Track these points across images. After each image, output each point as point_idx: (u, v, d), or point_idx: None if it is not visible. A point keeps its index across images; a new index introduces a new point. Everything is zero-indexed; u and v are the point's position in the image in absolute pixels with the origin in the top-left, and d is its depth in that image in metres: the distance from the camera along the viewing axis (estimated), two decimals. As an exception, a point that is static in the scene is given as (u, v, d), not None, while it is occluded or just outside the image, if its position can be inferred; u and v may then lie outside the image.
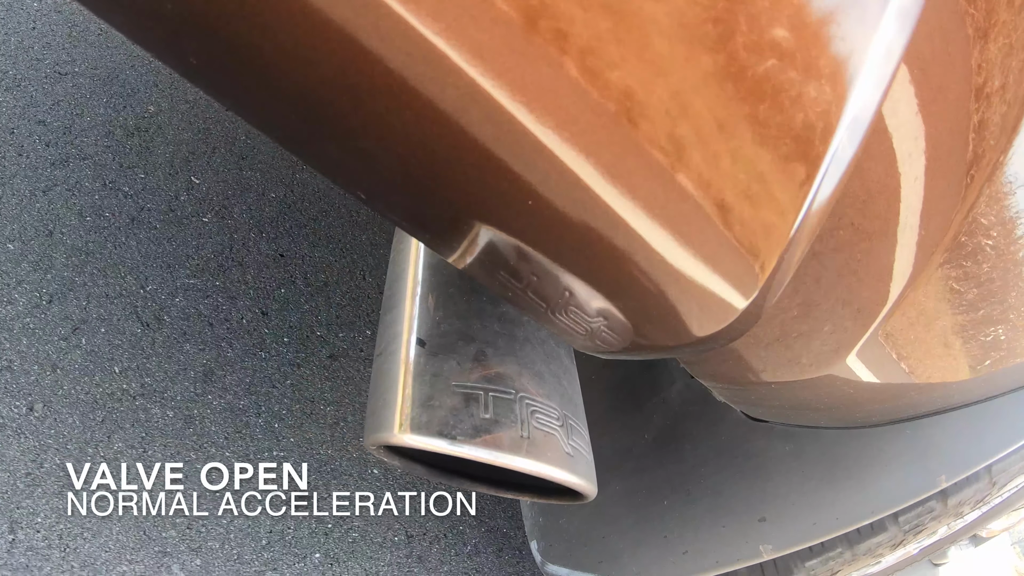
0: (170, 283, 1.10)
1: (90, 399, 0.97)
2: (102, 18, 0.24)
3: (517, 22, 0.22)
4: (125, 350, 1.02)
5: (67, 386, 0.96)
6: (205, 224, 1.18)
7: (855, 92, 0.26)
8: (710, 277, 0.29)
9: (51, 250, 1.04)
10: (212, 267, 1.15)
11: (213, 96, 0.27)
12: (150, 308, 1.07)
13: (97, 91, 1.22)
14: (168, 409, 1.01)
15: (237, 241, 1.19)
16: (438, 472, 0.46)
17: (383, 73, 0.23)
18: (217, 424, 1.03)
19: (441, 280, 0.46)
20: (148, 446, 0.98)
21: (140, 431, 0.98)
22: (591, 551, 0.79)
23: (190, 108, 1.27)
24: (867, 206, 0.38)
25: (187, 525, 0.96)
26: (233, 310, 1.13)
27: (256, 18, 0.22)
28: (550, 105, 0.24)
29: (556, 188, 0.26)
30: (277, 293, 1.18)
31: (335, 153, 0.27)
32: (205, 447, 1.01)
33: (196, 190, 1.20)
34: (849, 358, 0.46)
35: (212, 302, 1.12)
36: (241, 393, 1.07)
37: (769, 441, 0.67)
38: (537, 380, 0.43)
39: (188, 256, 1.14)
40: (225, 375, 1.07)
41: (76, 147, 1.15)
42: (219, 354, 1.08)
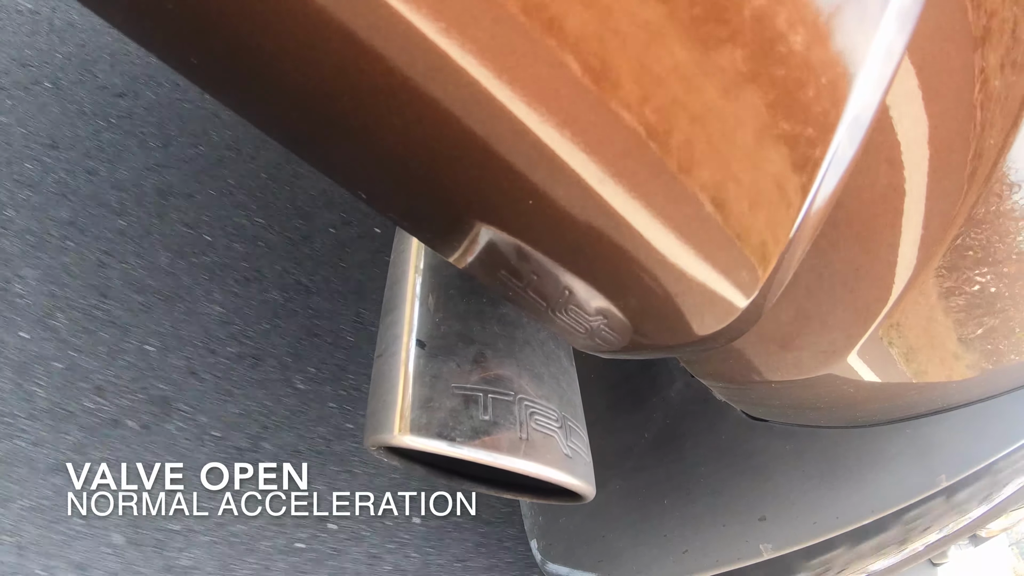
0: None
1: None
2: (102, 16, 0.24)
3: (518, 19, 0.22)
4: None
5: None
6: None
7: (855, 91, 0.26)
8: (710, 276, 0.29)
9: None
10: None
11: (214, 96, 0.27)
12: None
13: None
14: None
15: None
16: (438, 473, 0.47)
17: (384, 72, 0.23)
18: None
19: (441, 282, 0.46)
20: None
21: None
22: (591, 550, 0.79)
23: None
24: (867, 206, 0.38)
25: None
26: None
27: (256, 17, 0.22)
28: (551, 104, 0.24)
29: (557, 187, 0.26)
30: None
31: (336, 153, 0.27)
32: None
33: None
34: (849, 358, 0.46)
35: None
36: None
37: (769, 440, 0.67)
38: (536, 382, 0.43)
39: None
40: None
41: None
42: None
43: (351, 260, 1.28)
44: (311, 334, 1.17)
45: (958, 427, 0.59)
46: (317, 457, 1.08)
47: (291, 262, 1.22)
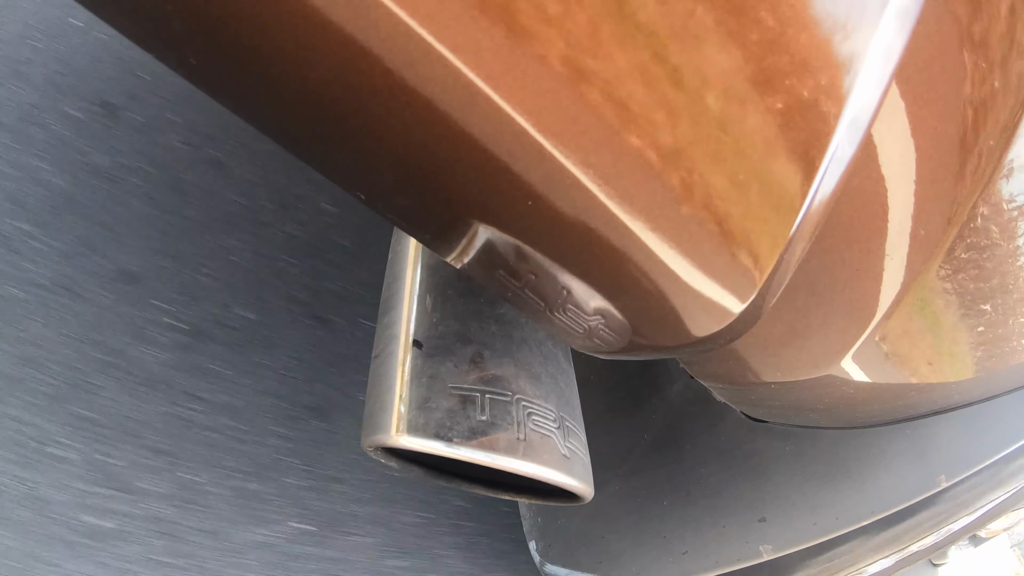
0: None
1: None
2: (100, 17, 0.24)
3: (515, 22, 0.22)
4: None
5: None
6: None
7: (854, 92, 0.26)
8: (709, 277, 0.29)
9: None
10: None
11: (213, 96, 0.27)
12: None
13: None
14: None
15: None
16: (435, 473, 0.46)
17: (383, 74, 0.23)
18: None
19: (439, 282, 0.46)
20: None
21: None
22: (590, 551, 0.79)
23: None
24: (867, 206, 0.38)
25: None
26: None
27: (255, 18, 0.22)
28: (550, 105, 0.24)
29: (556, 189, 0.26)
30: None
31: (335, 154, 0.27)
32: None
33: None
34: (848, 358, 0.46)
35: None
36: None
37: (769, 441, 0.67)
38: (534, 382, 0.43)
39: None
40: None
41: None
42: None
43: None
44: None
45: (958, 427, 0.59)
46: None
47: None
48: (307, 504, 1.04)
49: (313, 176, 1.29)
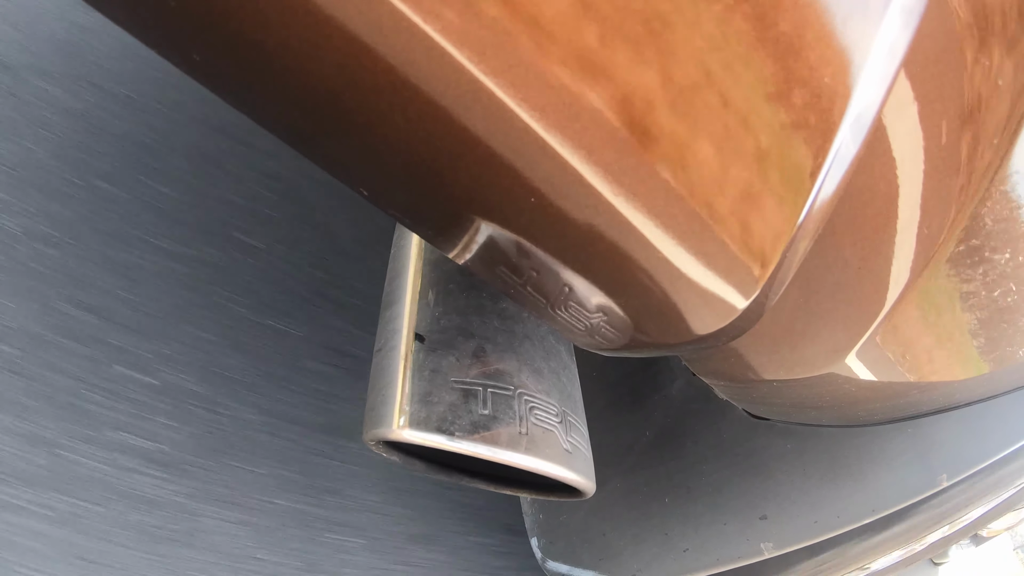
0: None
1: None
2: (104, 14, 0.24)
3: (518, 19, 0.22)
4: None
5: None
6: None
7: (858, 89, 0.26)
8: (712, 274, 0.29)
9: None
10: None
11: (216, 93, 0.27)
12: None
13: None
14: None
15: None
16: (437, 468, 0.47)
17: (386, 70, 0.23)
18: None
19: (441, 276, 0.46)
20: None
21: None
22: (591, 548, 0.79)
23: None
24: (870, 204, 0.38)
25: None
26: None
27: (258, 14, 0.22)
28: (553, 102, 0.24)
29: (559, 185, 0.26)
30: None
31: (338, 150, 0.27)
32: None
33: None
34: (851, 357, 0.46)
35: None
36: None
37: (770, 439, 0.67)
38: (536, 376, 0.43)
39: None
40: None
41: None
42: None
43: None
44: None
45: (959, 426, 0.59)
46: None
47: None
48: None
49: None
